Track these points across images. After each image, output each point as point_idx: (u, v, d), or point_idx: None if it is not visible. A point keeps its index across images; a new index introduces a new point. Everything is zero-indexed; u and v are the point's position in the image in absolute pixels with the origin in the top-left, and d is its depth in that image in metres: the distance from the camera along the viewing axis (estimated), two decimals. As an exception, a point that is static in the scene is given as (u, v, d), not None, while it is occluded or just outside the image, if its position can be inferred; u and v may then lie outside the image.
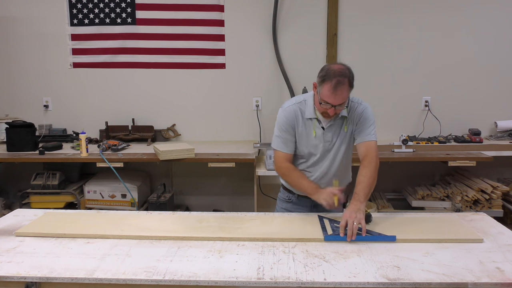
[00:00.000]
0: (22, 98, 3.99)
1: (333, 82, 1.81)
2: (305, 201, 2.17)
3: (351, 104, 2.03)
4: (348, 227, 1.73)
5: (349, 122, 2.04)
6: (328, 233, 1.77)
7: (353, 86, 1.88)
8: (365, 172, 1.96)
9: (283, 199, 2.26)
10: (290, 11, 3.76)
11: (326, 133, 2.03)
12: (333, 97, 1.84)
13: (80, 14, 3.83)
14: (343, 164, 2.13)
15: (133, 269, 1.49)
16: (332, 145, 2.05)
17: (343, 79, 1.82)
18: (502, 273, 1.45)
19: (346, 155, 2.11)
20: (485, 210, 3.17)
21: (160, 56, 3.86)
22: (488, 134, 3.82)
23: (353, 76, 1.89)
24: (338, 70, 1.84)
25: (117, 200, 3.50)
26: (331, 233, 1.76)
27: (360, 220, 1.75)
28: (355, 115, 2.03)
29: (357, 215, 1.76)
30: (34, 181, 3.47)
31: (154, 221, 1.94)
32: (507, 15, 3.68)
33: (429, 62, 3.78)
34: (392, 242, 1.70)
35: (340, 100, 1.85)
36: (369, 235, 1.74)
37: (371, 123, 2.05)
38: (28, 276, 1.46)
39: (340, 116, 2.01)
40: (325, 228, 1.83)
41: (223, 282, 1.43)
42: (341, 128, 2.04)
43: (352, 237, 1.71)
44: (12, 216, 2.08)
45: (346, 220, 1.75)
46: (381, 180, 3.92)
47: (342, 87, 1.82)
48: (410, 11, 3.71)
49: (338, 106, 1.87)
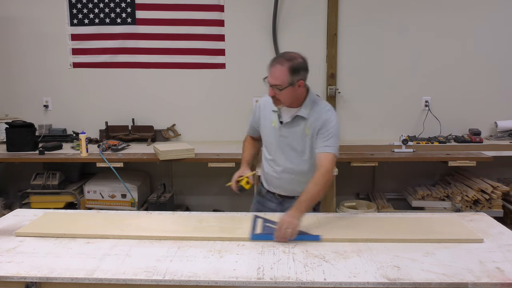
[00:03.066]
0: (22, 98, 3.99)
1: (273, 60, 1.91)
2: (272, 197, 2.20)
3: (315, 107, 2.01)
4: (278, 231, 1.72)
5: (310, 125, 2.00)
6: (255, 232, 1.78)
7: (295, 74, 1.89)
8: (314, 184, 1.87)
9: (257, 192, 2.33)
10: (290, 11, 3.76)
11: (283, 128, 2.05)
12: (269, 74, 1.91)
13: (80, 14, 3.83)
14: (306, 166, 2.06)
15: (133, 269, 1.49)
16: (288, 142, 2.06)
17: (282, 60, 1.89)
18: (502, 273, 1.45)
19: (308, 159, 2.05)
20: (485, 210, 3.17)
21: (160, 56, 3.86)
22: (488, 134, 3.82)
23: (299, 65, 1.91)
24: (285, 54, 1.94)
25: (117, 200, 3.50)
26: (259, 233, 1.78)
27: (294, 228, 1.72)
28: (318, 120, 1.99)
29: (292, 221, 1.73)
30: (34, 181, 3.47)
31: (154, 221, 1.94)
32: (506, 15, 3.68)
33: (429, 62, 3.78)
34: (391, 242, 1.69)
35: (273, 80, 1.89)
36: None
37: (332, 135, 1.96)
38: (28, 276, 1.46)
39: (296, 115, 2.00)
40: (256, 227, 1.84)
41: (223, 282, 1.43)
42: (302, 129, 2.02)
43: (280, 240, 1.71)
44: (12, 216, 2.08)
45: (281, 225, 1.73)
46: (381, 180, 3.99)
47: (276, 67, 1.88)
48: (410, 11, 3.71)
49: (275, 87, 1.90)
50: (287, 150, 2.07)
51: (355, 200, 3.54)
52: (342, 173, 3.25)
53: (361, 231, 1.80)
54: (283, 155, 2.08)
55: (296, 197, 2.02)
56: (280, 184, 2.15)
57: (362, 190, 3.97)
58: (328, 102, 2.12)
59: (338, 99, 3.86)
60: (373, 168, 3.82)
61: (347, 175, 3.85)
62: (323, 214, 2.05)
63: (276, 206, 2.20)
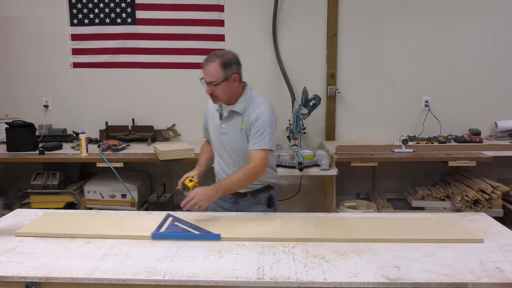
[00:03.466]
0: (22, 98, 3.99)
1: (205, 59, 1.98)
2: (225, 196, 2.19)
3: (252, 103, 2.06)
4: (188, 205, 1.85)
5: (245, 120, 2.06)
6: (159, 231, 1.80)
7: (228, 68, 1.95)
8: (240, 174, 1.99)
9: None
10: (290, 11, 3.76)
11: (222, 125, 2.10)
12: (204, 73, 1.97)
13: (80, 14, 3.83)
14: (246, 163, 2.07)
15: (133, 269, 1.49)
16: (229, 139, 2.10)
17: (213, 58, 1.95)
18: (502, 273, 1.45)
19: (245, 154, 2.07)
20: (485, 210, 3.17)
21: (160, 56, 3.86)
22: (488, 134, 3.82)
23: (230, 59, 1.97)
24: (216, 52, 2.00)
25: (117, 200, 3.50)
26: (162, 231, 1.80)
27: (201, 206, 1.85)
28: (251, 115, 2.04)
29: (203, 199, 1.85)
30: (34, 181, 3.47)
31: (154, 221, 1.94)
32: (507, 15, 3.68)
33: (429, 62, 3.78)
34: (391, 242, 1.69)
35: (208, 77, 1.96)
36: (196, 233, 1.78)
37: (263, 130, 2.01)
38: (28, 276, 1.47)
39: (231, 110, 2.06)
40: (162, 225, 1.86)
41: (223, 282, 1.43)
42: (238, 125, 2.07)
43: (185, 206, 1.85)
44: (12, 216, 2.08)
45: (193, 197, 1.85)
46: (381, 180, 3.98)
47: (209, 64, 1.95)
48: (410, 11, 3.72)
49: (210, 84, 1.96)
50: (229, 147, 2.11)
51: (355, 200, 3.54)
52: (342, 173, 3.25)
53: (361, 231, 1.80)
54: (227, 152, 2.12)
55: (247, 193, 2.15)
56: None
57: (362, 190, 3.97)
58: (266, 98, 2.12)
59: (338, 99, 3.86)
60: (373, 168, 3.82)
61: (347, 175, 3.86)
62: (323, 214, 2.05)
63: (230, 206, 2.20)
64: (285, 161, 3.11)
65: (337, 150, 3.31)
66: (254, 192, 2.18)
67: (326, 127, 3.92)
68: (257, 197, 2.19)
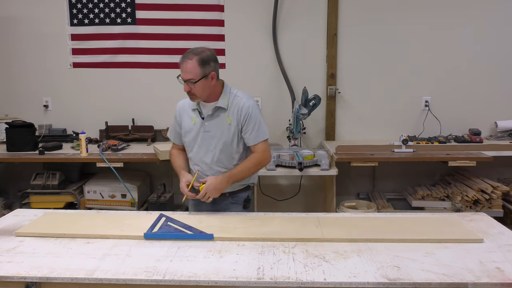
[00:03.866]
0: (22, 98, 3.99)
1: (182, 56, 1.96)
2: None
3: (234, 98, 2.09)
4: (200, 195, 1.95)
5: (231, 115, 2.07)
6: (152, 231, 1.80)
7: (206, 66, 1.94)
8: (246, 163, 2.08)
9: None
10: (290, 11, 3.76)
11: (205, 123, 2.08)
12: (181, 71, 1.96)
13: (80, 14, 3.83)
14: (235, 155, 2.12)
15: (133, 269, 1.49)
16: (213, 135, 2.09)
17: (190, 55, 1.93)
18: (502, 273, 1.45)
19: (232, 149, 2.11)
20: (485, 210, 3.17)
21: (160, 56, 3.86)
22: (488, 134, 3.82)
23: (208, 57, 1.96)
24: (193, 49, 1.98)
25: (117, 200, 3.50)
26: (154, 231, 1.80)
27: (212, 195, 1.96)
28: (239, 110, 2.07)
29: (214, 193, 1.97)
30: (34, 181, 3.47)
31: (154, 221, 1.94)
32: (507, 16, 3.68)
33: (429, 62, 3.78)
34: (391, 242, 1.69)
35: (186, 74, 1.94)
36: (189, 233, 1.78)
37: (258, 123, 2.08)
38: (28, 276, 1.47)
39: (216, 106, 2.06)
40: (155, 225, 1.86)
41: (223, 282, 1.43)
42: (224, 120, 2.07)
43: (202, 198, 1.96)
44: (12, 216, 2.08)
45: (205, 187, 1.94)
46: (381, 180, 3.98)
47: (186, 62, 1.93)
48: (410, 11, 3.71)
49: (188, 82, 1.95)
50: (213, 144, 2.09)
51: (355, 200, 3.54)
52: (342, 173, 3.25)
53: (361, 231, 1.80)
54: (210, 149, 2.11)
55: (227, 193, 2.16)
56: None
57: (362, 190, 3.97)
58: (244, 91, 2.15)
59: (338, 99, 3.86)
60: (373, 168, 3.82)
61: (347, 175, 3.86)
62: (323, 214, 2.05)
63: (208, 207, 2.19)
64: (285, 161, 3.11)
65: (337, 150, 3.31)
66: (234, 192, 2.19)
67: (326, 127, 3.92)
68: (236, 197, 2.20)
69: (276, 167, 3.11)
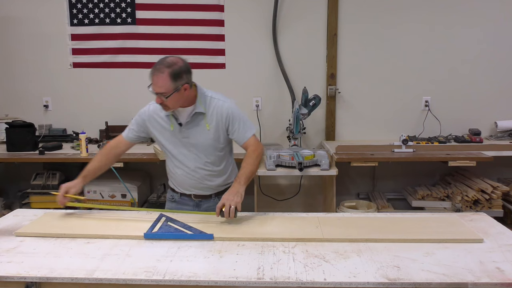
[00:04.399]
0: (22, 98, 3.99)
1: (153, 69, 1.88)
2: (187, 200, 2.19)
3: (211, 101, 2.05)
4: (224, 210, 1.83)
5: (210, 119, 2.04)
6: (152, 231, 1.80)
7: (178, 79, 1.87)
8: (247, 160, 2.03)
9: (169, 199, 2.29)
10: (290, 11, 3.76)
11: (183, 129, 2.04)
12: (152, 84, 1.89)
13: (80, 14, 3.83)
14: (216, 159, 2.11)
15: (133, 269, 1.49)
16: (193, 141, 2.06)
17: (162, 67, 1.86)
18: (502, 273, 1.45)
19: (215, 152, 2.09)
20: (485, 210, 3.17)
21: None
22: (488, 134, 3.82)
23: (180, 69, 1.88)
24: (164, 60, 1.89)
25: (117, 200, 3.50)
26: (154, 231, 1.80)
27: (237, 203, 1.85)
28: (219, 113, 2.04)
29: (234, 198, 1.86)
30: (34, 181, 3.48)
31: (154, 221, 1.94)
32: (507, 16, 3.68)
33: (429, 62, 3.78)
34: (391, 242, 1.69)
35: (157, 88, 1.87)
36: (189, 233, 1.78)
37: (242, 121, 2.07)
38: (28, 276, 1.46)
39: (194, 112, 2.01)
40: (155, 225, 1.85)
41: (223, 282, 1.43)
42: (203, 125, 2.04)
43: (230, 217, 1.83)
44: (12, 216, 2.08)
45: (223, 203, 1.85)
46: (381, 180, 3.98)
47: (158, 75, 1.86)
48: (410, 11, 3.72)
49: (161, 95, 1.88)
50: (193, 149, 2.07)
51: (355, 200, 3.54)
52: (342, 173, 3.25)
53: (361, 231, 1.80)
54: (191, 154, 2.08)
55: (212, 196, 2.16)
56: (193, 183, 2.13)
57: (362, 190, 3.97)
58: (219, 93, 2.11)
59: (338, 99, 3.86)
60: (373, 168, 3.82)
61: (347, 175, 3.86)
62: (323, 214, 2.05)
63: (193, 208, 2.19)
64: (285, 161, 3.11)
65: (337, 150, 3.31)
66: (219, 193, 2.17)
67: (326, 127, 3.92)
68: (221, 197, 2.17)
69: (276, 167, 3.11)
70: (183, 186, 2.17)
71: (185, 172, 2.12)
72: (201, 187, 2.15)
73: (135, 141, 2.18)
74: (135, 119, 2.15)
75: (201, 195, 2.17)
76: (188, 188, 2.16)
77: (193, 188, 2.16)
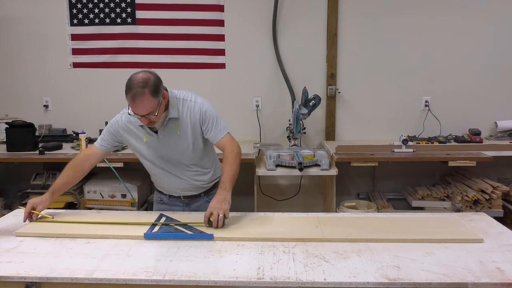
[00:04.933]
0: (22, 98, 3.99)
1: (131, 94, 1.78)
2: (176, 201, 2.18)
3: (184, 104, 2.00)
4: (213, 218, 1.81)
5: (183, 122, 1.99)
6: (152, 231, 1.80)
7: (159, 93, 1.82)
8: (228, 162, 1.99)
9: (157, 201, 2.27)
10: (290, 11, 3.76)
11: (160, 137, 1.99)
12: (135, 108, 1.80)
13: (80, 14, 3.83)
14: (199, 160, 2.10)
15: (133, 269, 1.49)
16: (171, 148, 2.02)
17: (141, 90, 1.76)
18: (502, 273, 1.45)
19: (197, 152, 2.07)
20: (485, 210, 3.17)
21: (160, 56, 3.86)
22: (488, 134, 3.82)
23: (156, 84, 1.82)
24: (137, 81, 1.78)
25: (117, 200, 3.50)
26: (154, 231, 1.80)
27: (225, 211, 1.83)
28: (192, 114, 1.99)
29: (222, 206, 1.83)
30: (34, 181, 3.48)
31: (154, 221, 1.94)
32: (507, 15, 3.68)
33: (429, 62, 3.78)
34: (391, 242, 1.69)
35: (144, 111, 1.80)
36: (189, 233, 1.78)
37: (215, 120, 2.03)
38: (28, 276, 1.46)
39: (169, 118, 1.96)
40: (156, 225, 1.86)
41: (223, 282, 1.43)
42: (174, 129, 1.99)
43: (218, 227, 1.81)
44: (12, 216, 2.08)
45: (211, 211, 1.82)
46: (381, 180, 3.98)
47: (141, 98, 1.77)
48: (410, 11, 3.72)
49: (148, 116, 1.82)
50: (174, 155, 2.03)
51: (355, 200, 3.54)
52: (342, 173, 3.24)
53: (361, 231, 1.80)
54: (172, 161, 2.05)
55: (201, 195, 2.16)
56: (181, 186, 2.12)
57: (362, 190, 3.97)
58: (190, 93, 2.06)
59: (338, 99, 3.86)
60: (373, 168, 3.82)
61: (347, 175, 3.86)
62: (323, 214, 2.05)
63: (182, 209, 2.18)
64: (285, 161, 3.11)
65: (337, 150, 3.31)
66: (207, 191, 2.18)
67: (326, 127, 3.92)
68: (210, 196, 2.17)
69: (276, 167, 3.11)
70: (171, 189, 2.16)
71: (170, 179, 2.10)
72: (189, 188, 2.14)
73: (109, 151, 2.12)
74: (107, 129, 2.07)
75: (190, 196, 2.16)
76: (176, 191, 2.15)
77: (181, 190, 2.15)
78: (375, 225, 1.88)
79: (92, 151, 2.12)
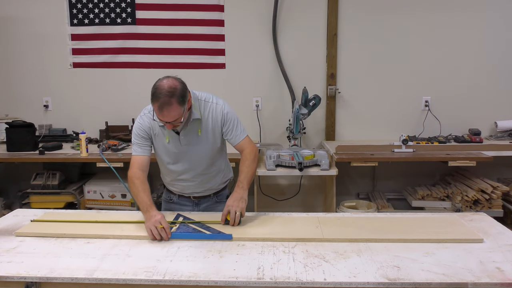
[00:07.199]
0: (22, 98, 3.99)
1: (159, 103, 1.76)
2: (186, 201, 2.19)
3: (206, 106, 2.01)
4: (230, 216, 1.85)
5: (205, 123, 2.01)
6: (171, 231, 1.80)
7: (185, 101, 1.82)
8: (246, 163, 2.05)
9: (166, 200, 2.28)
10: (290, 11, 3.76)
11: (182, 137, 2.00)
12: (162, 117, 1.80)
13: (80, 14, 3.83)
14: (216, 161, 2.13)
15: (133, 269, 1.49)
16: (193, 148, 2.03)
17: (168, 100, 1.75)
18: (502, 273, 1.45)
19: (212, 156, 2.09)
20: (485, 210, 3.17)
21: (160, 56, 3.86)
22: (488, 134, 3.82)
23: (183, 93, 1.81)
24: (164, 90, 1.77)
25: (117, 200, 3.50)
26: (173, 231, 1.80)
27: (242, 210, 1.86)
28: (214, 116, 2.02)
29: (239, 204, 1.87)
30: (34, 181, 3.47)
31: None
32: (507, 16, 3.68)
33: (429, 62, 3.78)
34: (391, 242, 1.69)
35: (171, 119, 1.80)
36: (207, 233, 1.78)
37: (236, 122, 2.07)
38: (28, 276, 1.46)
39: (193, 119, 1.97)
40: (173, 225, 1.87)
41: (223, 282, 1.43)
42: (196, 130, 2.00)
43: (234, 224, 1.85)
44: (12, 216, 2.08)
45: (229, 209, 1.86)
46: (381, 180, 3.98)
47: (168, 108, 1.76)
48: (410, 11, 3.71)
49: (174, 122, 1.82)
50: (194, 156, 2.04)
51: (355, 200, 3.54)
52: (342, 173, 3.24)
53: (361, 231, 1.80)
54: (192, 161, 2.06)
55: (211, 195, 2.18)
56: (194, 187, 2.14)
57: (362, 190, 3.97)
58: (211, 94, 2.08)
59: (338, 99, 3.86)
60: (373, 168, 3.82)
61: (347, 175, 3.86)
62: (323, 214, 2.05)
63: (192, 208, 2.20)
64: (285, 161, 3.11)
65: (337, 150, 3.31)
66: (218, 192, 2.20)
67: (326, 127, 3.92)
68: (220, 196, 2.22)
69: (276, 167, 3.11)
70: (183, 189, 2.17)
71: (185, 179, 2.11)
72: (201, 190, 2.16)
73: (150, 152, 2.07)
74: (137, 137, 2.03)
75: (200, 196, 2.18)
76: (188, 191, 2.17)
77: (193, 192, 2.17)
78: (375, 225, 1.89)
79: (141, 160, 2.02)
